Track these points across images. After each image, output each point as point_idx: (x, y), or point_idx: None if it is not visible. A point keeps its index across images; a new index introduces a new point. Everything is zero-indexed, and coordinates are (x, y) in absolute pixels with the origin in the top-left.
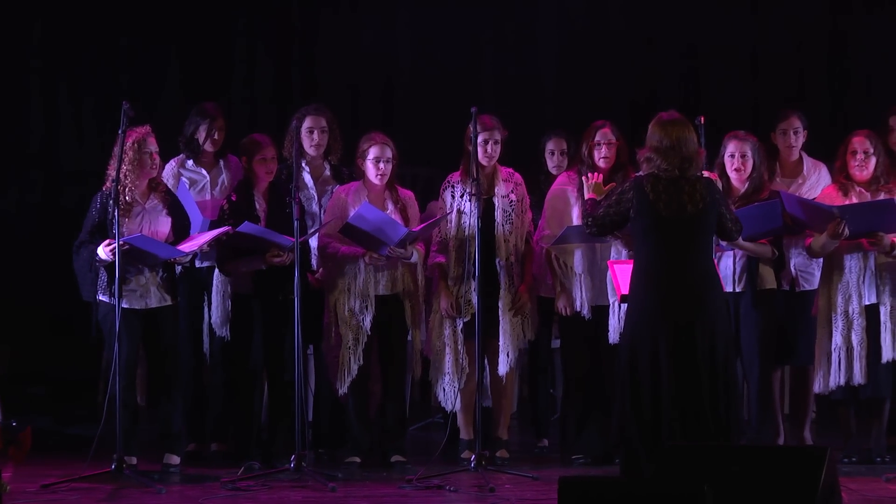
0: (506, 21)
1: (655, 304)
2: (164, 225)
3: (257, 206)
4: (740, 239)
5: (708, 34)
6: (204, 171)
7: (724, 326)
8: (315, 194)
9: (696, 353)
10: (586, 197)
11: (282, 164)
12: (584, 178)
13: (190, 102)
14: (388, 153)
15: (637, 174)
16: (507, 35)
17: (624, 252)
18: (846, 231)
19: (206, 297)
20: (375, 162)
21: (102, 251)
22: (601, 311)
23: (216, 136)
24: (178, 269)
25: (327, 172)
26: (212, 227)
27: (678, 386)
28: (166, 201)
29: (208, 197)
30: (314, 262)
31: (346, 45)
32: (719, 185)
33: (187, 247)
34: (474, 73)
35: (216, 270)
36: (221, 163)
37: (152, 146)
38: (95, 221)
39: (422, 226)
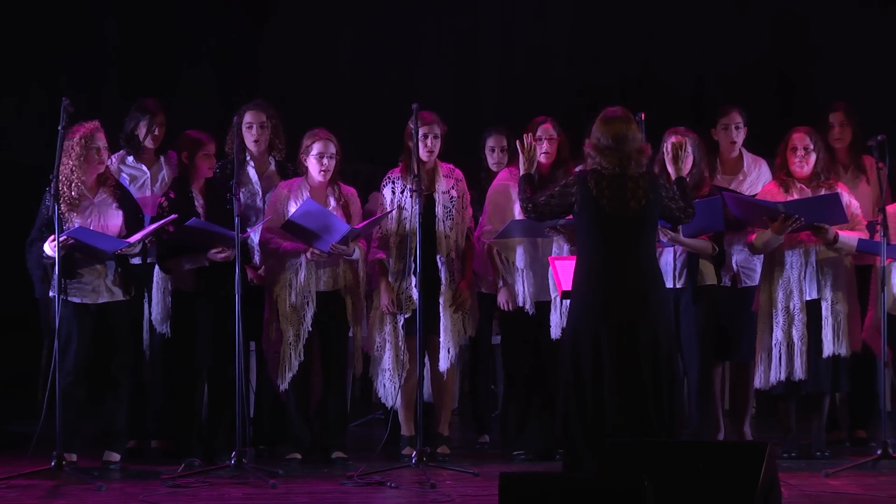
0: (446, 17)
1: (598, 301)
2: (114, 219)
3: (196, 203)
4: (681, 235)
5: (652, 34)
6: (144, 168)
7: (667, 324)
8: (260, 190)
9: (638, 350)
10: (521, 171)
11: (224, 160)
12: (517, 143)
13: (132, 99)
14: (332, 149)
15: (581, 168)
16: (448, 31)
17: (566, 248)
18: (798, 224)
19: (146, 294)
20: (318, 158)
21: (48, 247)
22: (543, 307)
23: (156, 133)
24: (138, 261)
25: (272, 168)
26: (151, 223)
27: (620, 383)
28: (116, 195)
29: (148, 193)
30: (256, 258)
31: (289, 41)
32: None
33: (132, 237)
34: (415, 70)
35: (156, 267)
36: (162, 159)
37: (100, 141)
38: (45, 218)
39: (364, 223)
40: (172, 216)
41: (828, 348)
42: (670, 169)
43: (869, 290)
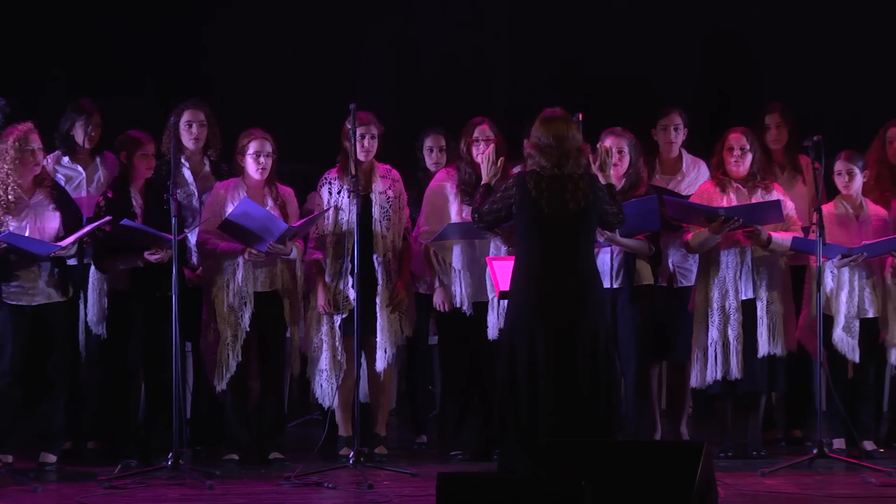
0: (383, 17)
1: (536, 302)
2: (51, 220)
3: (134, 203)
4: (618, 234)
5: (592, 32)
6: (80, 168)
7: (605, 324)
8: (195, 190)
9: (576, 351)
10: (483, 180)
11: (160, 161)
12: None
13: (69, 99)
14: (268, 148)
15: (520, 169)
16: (385, 31)
17: (503, 248)
18: (736, 224)
19: (81, 295)
20: (255, 156)
21: None
22: (480, 308)
23: (92, 133)
24: (75, 262)
25: (207, 168)
26: (88, 224)
27: (558, 383)
28: (53, 196)
29: (84, 194)
30: (193, 258)
31: (227, 41)
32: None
33: (65, 241)
34: (354, 70)
35: (92, 267)
36: (98, 159)
37: (35, 143)
38: None
39: (301, 221)
40: (107, 218)
41: (763, 348)
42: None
43: (803, 289)
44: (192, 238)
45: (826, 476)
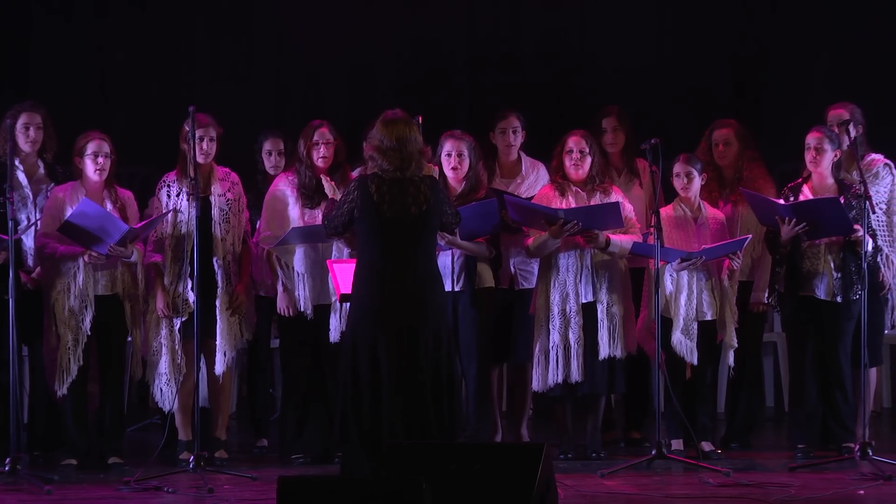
0: (219, 13)
1: (377, 304)
2: None
3: None
4: (458, 237)
5: (437, 37)
6: None
7: (446, 327)
8: (30, 193)
9: (418, 354)
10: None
11: None
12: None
13: None
14: (106, 148)
15: (360, 173)
16: (221, 30)
17: (346, 251)
18: (576, 228)
19: None
20: (94, 157)
21: None
22: (322, 311)
23: None
24: None
25: (41, 171)
26: None
27: (400, 386)
28: None
29: None
30: (29, 261)
31: (60, 41)
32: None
33: None
34: (190, 71)
35: None
36: None
37: None
38: None
39: (142, 224)
40: None
41: (604, 350)
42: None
43: (642, 292)
44: (28, 241)
45: (664, 476)
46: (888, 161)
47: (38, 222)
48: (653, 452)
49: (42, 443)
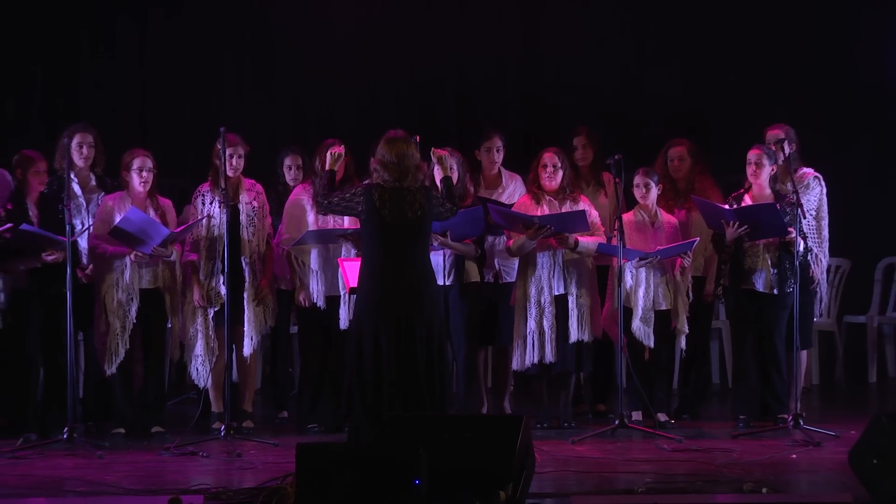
0: (245, 41)
1: (379, 296)
2: None
3: (31, 214)
4: (449, 240)
5: (420, 55)
6: None
7: (439, 316)
8: (84, 202)
9: (414, 339)
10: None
11: (52, 176)
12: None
13: None
14: (150, 164)
15: (367, 182)
16: (248, 61)
17: (353, 251)
18: (548, 231)
19: None
20: (139, 171)
21: None
22: (333, 301)
23: None
24: None
25: (93, 182)
26: None
27: (398, 367)
28: None
29: None
30: (83, 259)
31: (107, 70)
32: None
33: None
34: (219, 96)
35: None
36: None
37: None
38: None
39: (180, 228)
40: (8, 225)
41: (573, 335)
42: (437, 173)
43: (607, 285)
44: (82, 242)
45: (626, 443)
46: (818, 174)
47: (91, 226)
48: (616, 423)
49: (94, 415)
